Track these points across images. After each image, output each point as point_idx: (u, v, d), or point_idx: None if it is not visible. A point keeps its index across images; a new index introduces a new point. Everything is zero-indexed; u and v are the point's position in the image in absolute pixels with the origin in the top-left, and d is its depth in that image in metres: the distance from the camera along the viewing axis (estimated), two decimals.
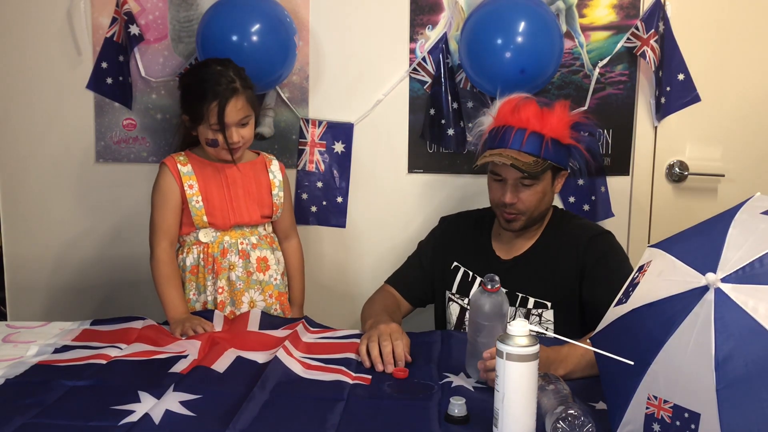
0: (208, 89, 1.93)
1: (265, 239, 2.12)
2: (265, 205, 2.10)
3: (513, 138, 1.86)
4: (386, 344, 1.63)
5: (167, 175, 2.02)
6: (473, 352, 1.53)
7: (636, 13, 2.35)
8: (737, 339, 1.08)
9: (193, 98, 1.96)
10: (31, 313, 2.53)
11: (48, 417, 1.35)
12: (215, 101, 1.92)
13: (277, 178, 2.13)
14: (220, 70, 1.96)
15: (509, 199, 1.87)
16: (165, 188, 2.01)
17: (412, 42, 2.40)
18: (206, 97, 1.93)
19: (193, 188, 2.01)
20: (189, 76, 2.03)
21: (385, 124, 2.45)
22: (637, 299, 1.23)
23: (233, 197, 2.05)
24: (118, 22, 2.37)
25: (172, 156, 2.06)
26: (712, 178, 2.45)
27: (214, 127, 1.94)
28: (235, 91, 1.95)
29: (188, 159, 2.05)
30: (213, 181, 2.04)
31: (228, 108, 1.93)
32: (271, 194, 2.11)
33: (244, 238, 2.07)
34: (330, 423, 1.34)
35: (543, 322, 1.91)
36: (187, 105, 2.00)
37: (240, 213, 2.05)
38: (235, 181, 2.06)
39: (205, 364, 1.60)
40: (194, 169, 2.04)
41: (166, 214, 2.01)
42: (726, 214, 1.25)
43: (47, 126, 2.49)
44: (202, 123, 1.96)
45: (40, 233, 2.54)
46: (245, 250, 2.06)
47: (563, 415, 1.23)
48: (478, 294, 1.53)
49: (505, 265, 1.96)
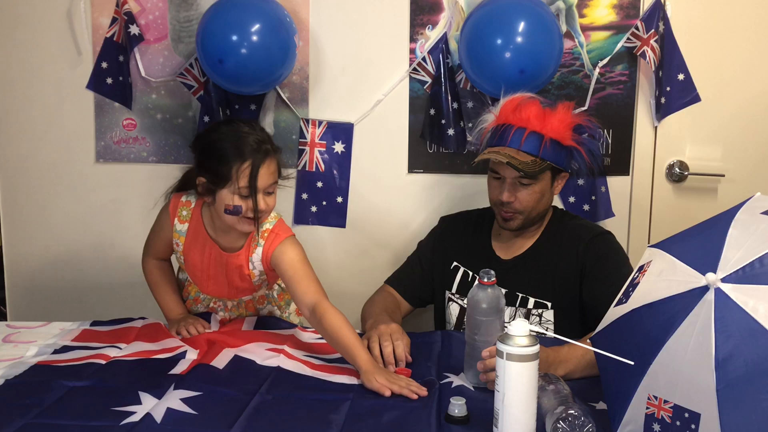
0: (241, 148, 1.72)
1: (244, 306, 1.99)
2: (243, 290, 1.94)
3: (512, 136, 1.86)
4: (387, 344, 1.63)
5: (167, 217, 1.91)
6: (472, 354, 1.53)
7: (636, 13, 2.35)
8: (737, 339, 1.08)
9: (219, 157, 1.73)
10: (31, 313, 2.53)
11: (48, 417, 1.35)
12: (248, 161, 1.71)
13: (257, 269, 1.87)
14: (248, 130, 1.77)
15: (506, 198, 1.87)
16: (162, 224, 1.94)
17: (412, 42, 2.40)
18: (238, 157, 1.71)
19: (179, 246, 1.90)
20: (213, 133, 1.80)
21: (385, 124, 2.45)
22: (637, 299, 1.23)
23: (212, 276, 1.90)
24: (118, 22, 2.37)
25: (180, 201, 1.90)
26: (712, 178, 2.45)
27: (243, 191, 1.72)
28: (268, 153, 1.75)
29: (190, 217, 1.88)
30: (197, 253, 1.89)
31: (262, 170, 1.72)
32: (250, 282, 1.91)
33: (220, 300, 1.98)
34: (335, 423, 1.34)
35: (543, 323, 1.91)
36: (208, 165, 1.76)
37: (215, 290, 1.94)
38: (219, 263, 1.88)
39: (204, 361, 1.61)
40: (189, 232, 1.88)
41: (157, 242, 1.97)
42: (726, 214, 1.25)
43: (47, 126, 2.49)
44: (226, 187, 1.73)
45: (40, 233, 2.54)
46: (215, 308, 1.99)
47: (563, 415, 1.23)
48: (475, 290, 1.53)
49: (505, 265, 1.96)
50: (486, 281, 1.51)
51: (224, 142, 1.74)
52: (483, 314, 1.51)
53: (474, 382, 1.52)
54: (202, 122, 2.40)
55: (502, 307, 1.53)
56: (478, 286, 1.52)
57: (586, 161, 1.95)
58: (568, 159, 1.94)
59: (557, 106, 1.91)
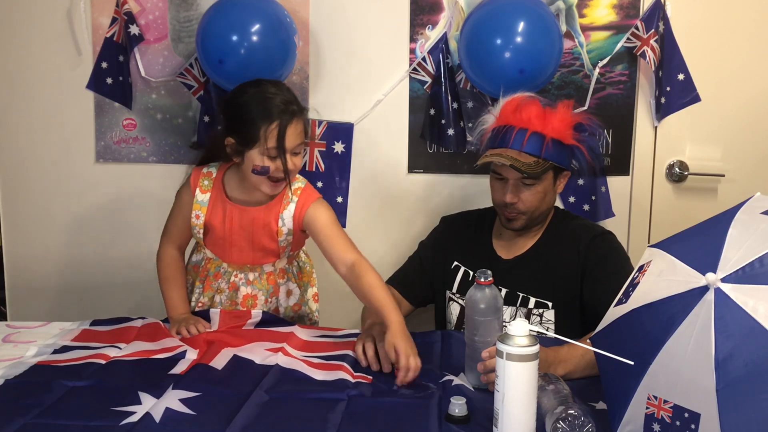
0: (269, 109, 1.76)
1: (265, 277, 1.97)
2: (269, 251, 1.94)
3: (514, 138, 1.86)
4: (382, 344, 1.63)
5: (188, 190, 1.93)
6: (472, 356, 1.53)
7: (636, 13, 2.35)
8: (737, 339, 1.08)
9: (247, 118, 1.77)
10: (31, 313, 2.53)
11: (48, 417, 1.35)
12: (276, 122, 1.76)
13: (286, 225, 1.90)
14: (275, 91, 1.81)
15: (510, 199, 1.88)
16: (182, 199, 1.95)
17: (412, 42, 2.40)
18: (266, 118, 1.75)
19: (199, 219, 1.91)
20: (240, 95, 1.83)
21: (385, 124, 2.45)
22: (637, 299, 1.23)
23: (234, 242, 1.92)
24: (118, 22, 2.37)
25: (201, 173, 1.93)
26: (712, 178, 2.45)
27: (272, 152, 1.77)
28: (295, 114, 1.80)
29: (212, 185, 1.91)
30: (218, 219, 1.91)
31: (289, 130, 1.77)
32: (276, 241, 1.92)
33: (242, 272, 1.96)
34: (331, 422, 1.34)
35: (544, 322, 1.91)
36: (237, 126, 1.80)
37: (239, 256, 1.94)
38: (242, 226, 1.90)
39: (203, 362, 1.61)
40: (210, 200, 1.90)
41: (177, 221, 1.96)
42: (726, 214, 1.25)
43: (47, 126, 2.49)
44: (254, 147, 1.77)
45: (40, 233, 2.54)
46: (236, 283, 1.96)
47: (563, 415, 1.23)
48: (472, 290, 1.53)
49: (506, 265, 1.96)
50: (483, 281, 1.51)
51: (252, 104, 1.79)
52: (481, 314, 1.51)
53: (475, 384, 1.52)
54: (202, 122, 2.40)
55: (500, 306, 1.53)
56: (475, 286, 1.53)
57: (588, 160, 1.95)
58: (569, 158, 1.94)
59: (557, 106, 1.91)
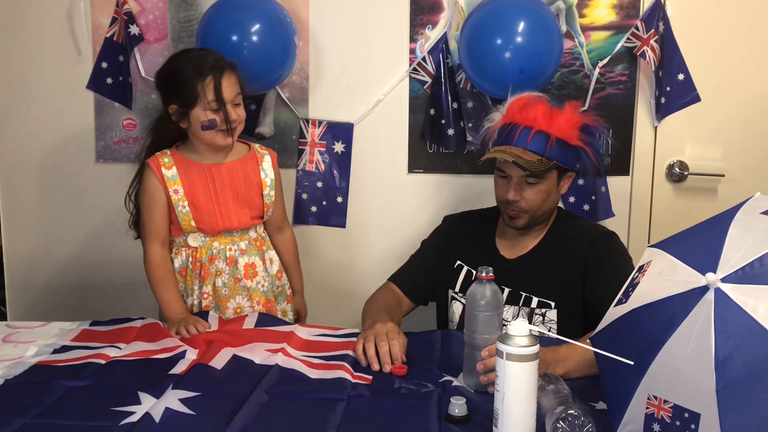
0: (202, 66, 1.90)
1: (254, 243, 2.06)
2: (255, 206, 2.04)
3: (518, 136, 1.87)
4: (383, 344, 1.63)
5: (152, 177, 1.97)
6: (471, 356, 1.53)
7: (636, 13, 2.35)
8: (737, 339, 1.08)
9: (183, 80, 1.90)
10: (31, 313, 2.53)
11: (48, 417, 1.35)
12: (210, 76, 1.89)
13: (268, 176, 2.06)
14: (203, 52, 1.97)
15: (512, 197, 1.88)
16: (150, 191, 1.97)
17: (412, 42, 2.40)
18: (200, 75, 1.89)
19: (179, 193, 1.96)
20: (173, 62, 1.97)
21: (385, 124, 2.45)
22: (636, 299, 1.23)
23: (221, 201, 1.99)
24: (118, 22, 2.37)
25: (156, 156, 1.99)
26: (712, 178, 2.45)
27: (212, 105, 1.90)
28: (226, 67, 1.93)
29: (173, 160, 1.99)
30: (199, 184, 1.98)
31: (223, 82, 1.91)
32: (261, 195, 2.05)
33: (233, 244, 2.02)
34: (331, 423, 1.34)
35: (546, 322, 1.91)
36: (176, 90, 1.93)
37: (229, 218, 2.00)
38: (223, 182, 2.00)
39: (203, 361, 1.61)
40: (179, 171, 1.97)
41: (154, 217, 1.98)
42: (726, 214, 1.24)
43: (47, 126, 2.49)
44: (197, 104, 1.90)
45: (40, 233, 2.54)
46: (233, 256, 2.01)
47: (563, 415, 1.23)
48: (473, 285, 1.53)
49: (509, 265, 1.96)
50: (484, 275, 1.51)
51: (185, 66, 1.93)
52: (481, 309, 1.50)
53: (473, 387, 1.51)
54: None
55: (501, 302, 1.52)
56: (476, 281, 1.53)
57: (593, 161, 1.95)
58: (574, 158, 1.94)
59: (565, 106, 1.92)
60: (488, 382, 1.47)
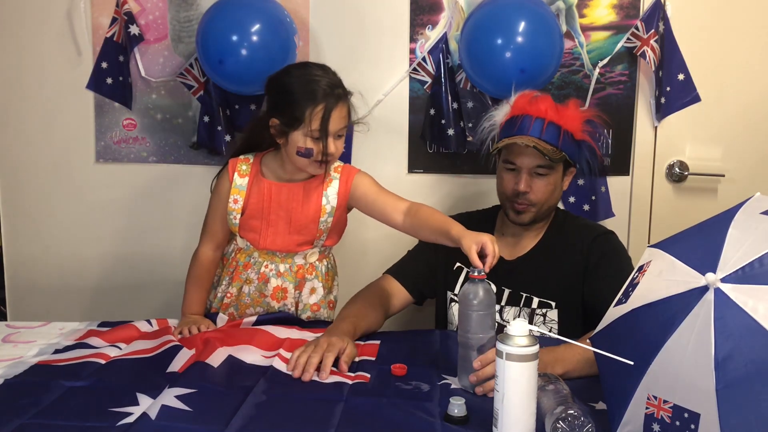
0: (315, 91, 1.78)
1: (294, 271, 1.97)
2: (307, 233, 1.94)
3: (533, 125, 1.87)
4: (315, 356, 1.58)
5: (225, 179, 1.94)
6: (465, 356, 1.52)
7: (636, 13, 2.35)
8: (737, 339, 1.08)
9: (292, 100, 1.79)
10: (31, 313, 2.53)
11: (46, 417, 1.35)
12: (321, 105, 1.77)
13: (330, 203, 1.93)
14: (321, 74, 1.82)
15: (523, 187, 1.87)
16: (220, 190, 1.96)
17: (412, 42, 2.40)
18: (311, 100, 1.77)
19: (237, 203, 1.92)
20: (287, 76, 1.84)
21: (385, 124, 2.45)
22: (636, 299, 1.23)
23: (272, 222, 1.92)
24: (118, 22, 2.37)
25: (237, 160, 1.95)
26: (712, 178, 2.45)
27: (315, 133, 1.78)
28: (340, 97, 1.81)
29: (250, 170, 1.93)
30: (256, 200, 1.92)
31: (333, 114, 1.78)
32: (317, 221, 1.93)
33: (272, 263, 1.96)
34: (330, 423, 1.34)
35: (547, 322, 1.91)
36: (282, 107, 1.82)
37: (273, 240, 1.93)
38: (280, 204, 1.91)
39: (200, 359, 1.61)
40: (249, 183, 1.92)
41: (216, 218, 1.97)
42: (726, 214, 1.24)
43: (47, 126, 2.49)
44: (299, 129, 1.79)
45: (40, 233, 2.54)
46: (266, 274, 1.96)
47: (563, 415, 1.23)
48: (466, 285, 1.53)
49: (509, 266, 1.95)
50: (476, 275, 1.51)
51: (296, 84, 1.80)
52: (474, 309, 1.50)
53: (469, 387, 1.51)
54: (202, 122, 2.40)
55: (493, 302, 1.52)
56: (469, 281, 1.53)
57: (598, 155, 1.95)
58: (578, 153, 1.94)
59: (568, 102, 1.93)
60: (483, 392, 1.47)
